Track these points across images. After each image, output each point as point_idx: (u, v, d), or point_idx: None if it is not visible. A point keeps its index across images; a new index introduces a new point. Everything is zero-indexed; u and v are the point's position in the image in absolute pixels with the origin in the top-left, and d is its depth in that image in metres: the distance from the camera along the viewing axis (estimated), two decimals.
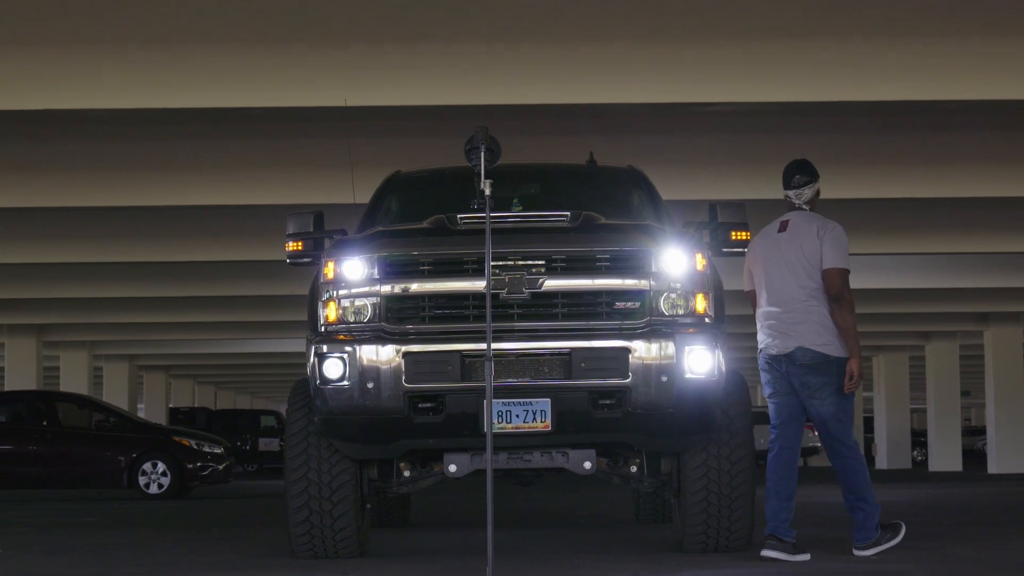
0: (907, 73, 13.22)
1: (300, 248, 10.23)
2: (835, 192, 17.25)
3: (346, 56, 13.18)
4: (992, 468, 36.85)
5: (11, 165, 16.97)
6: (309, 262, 10.19)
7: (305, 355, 9.47)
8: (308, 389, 9.50)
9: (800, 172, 10.04)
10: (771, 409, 9.93)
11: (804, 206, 10.02)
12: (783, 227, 9.95)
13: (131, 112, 13.89)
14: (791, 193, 10.04)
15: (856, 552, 9.79)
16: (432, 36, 13.19)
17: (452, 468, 9.47)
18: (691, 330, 9.16)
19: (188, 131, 16.47)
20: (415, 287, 9.21)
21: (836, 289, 9.69)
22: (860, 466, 9.81)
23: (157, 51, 13.13)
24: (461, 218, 9.54)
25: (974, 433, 62.81)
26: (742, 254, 10.20)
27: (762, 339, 9.93)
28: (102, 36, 13.01)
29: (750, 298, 10.20)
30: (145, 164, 16.94)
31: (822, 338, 9.70)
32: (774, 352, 9.82)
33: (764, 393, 10.00)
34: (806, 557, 9.58)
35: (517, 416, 9.07)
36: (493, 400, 8.67)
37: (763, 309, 9.92)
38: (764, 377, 9.94)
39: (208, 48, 13.12)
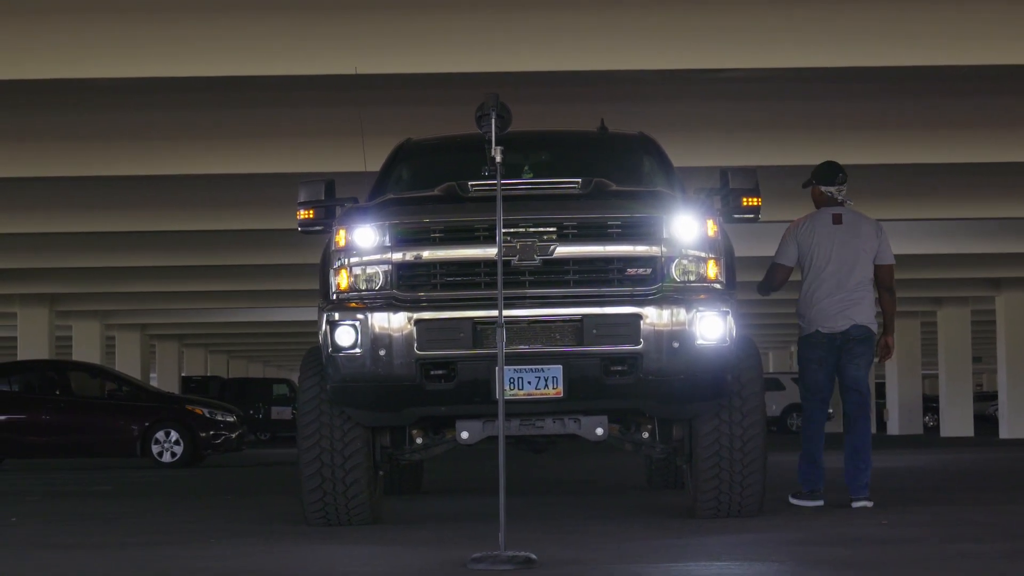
0: (918, 38, 13.19)
1: (311, 216, 10.22)
2: (846, 158, 17.17)
3: (357, 24, 13.17)
4: (1003, 433, 36.87)
5: (22, 135, 16.99)
6: (320, 230, 10.17)
7: (317, 323, 9.47)
8: (320, 357, 9.50)
9: (841, 171, 11.39)
10: (817, 380, 11.17)
11: (847, 201, 11.33)
12: (838, 220, 11.19)
13: (141, 81, 13.91)
14: (833, 189, 11.35)
15: (856, 504, 10.90)
16: (443, 4, 13.17)
17: (464, 435, 9.47)
18: (702, 296, 9.16)
19: (199, 100, 16.47)
20: (426, 254, 9.20)
21: (891, 281, 11.34)
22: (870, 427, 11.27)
23: (166, 20, 13.13)
24: (472, 185, 9.53)
25: (985, 398, 62.80)
26: (754, 220, 10.25)
27: (817, 318, 11.12)
28: (110, 5, 13.01)
29: (781, 272, 11.34)
30: (155, 133, 16.95)
31: (870, 317, 11.15)
32: (829, 330, 11.08)
33: (807, 366, 11.22)
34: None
35: (529, 383, 9.08)
36: (505, 367, 8.65)
37: (819, 292, 11.11)
38: (815, 353, 11.13)
39: (217, 17, 13.11)
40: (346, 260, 9.31)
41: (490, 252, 9.02)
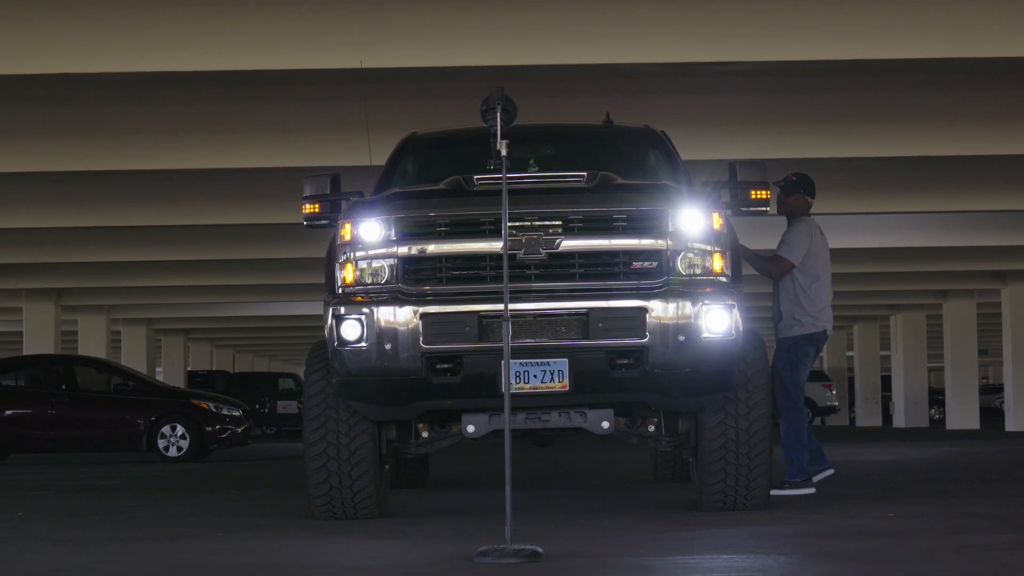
0: (923, 30, 13.19)
1: (317, 210, 10.22)
2: (852, 151, 17.24)
3: (362, 18, 13.17)
4: (1009, 426, 36.87)
5: (28, 129, 16.99)
6: (326, 224, 10.18)
7: (323, 317, 9.48)
8: (326, 351, 9.50)
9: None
10: (806, 376, 11.84)
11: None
12: (821, 231, 11.90)
13: (147, 75, 13.88)
14: (813, 201, 12.05)
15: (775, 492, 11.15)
16: None
17: (470, 429, 9.48)
18: (708, 289, 9.15)
19: (204, 94, 16.47)
20: (432, 248, 9.20)
21: None
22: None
23: (171, 14, 13.13)
24: (478, 179, 9.50)
25: (991, 391, 62.75)
26: (762, 213, 10.28)
27: (827, 319, 11.84)
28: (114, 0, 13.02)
29: (787, 267, 11.76)
30: (161, 127, 16.96)
31: None
32: (831, 331, 11.89)
33: (803, 362, 11.81)
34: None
35: (535, 376, 9.07)
36: (511, 360, 8.66)
37: (826, 295, 11.82)
38: (813, 351, 11.80)
39: (223, 11, 13.11)
40: (352, 254, 9.31)
41: (496, 246, 9.02)
